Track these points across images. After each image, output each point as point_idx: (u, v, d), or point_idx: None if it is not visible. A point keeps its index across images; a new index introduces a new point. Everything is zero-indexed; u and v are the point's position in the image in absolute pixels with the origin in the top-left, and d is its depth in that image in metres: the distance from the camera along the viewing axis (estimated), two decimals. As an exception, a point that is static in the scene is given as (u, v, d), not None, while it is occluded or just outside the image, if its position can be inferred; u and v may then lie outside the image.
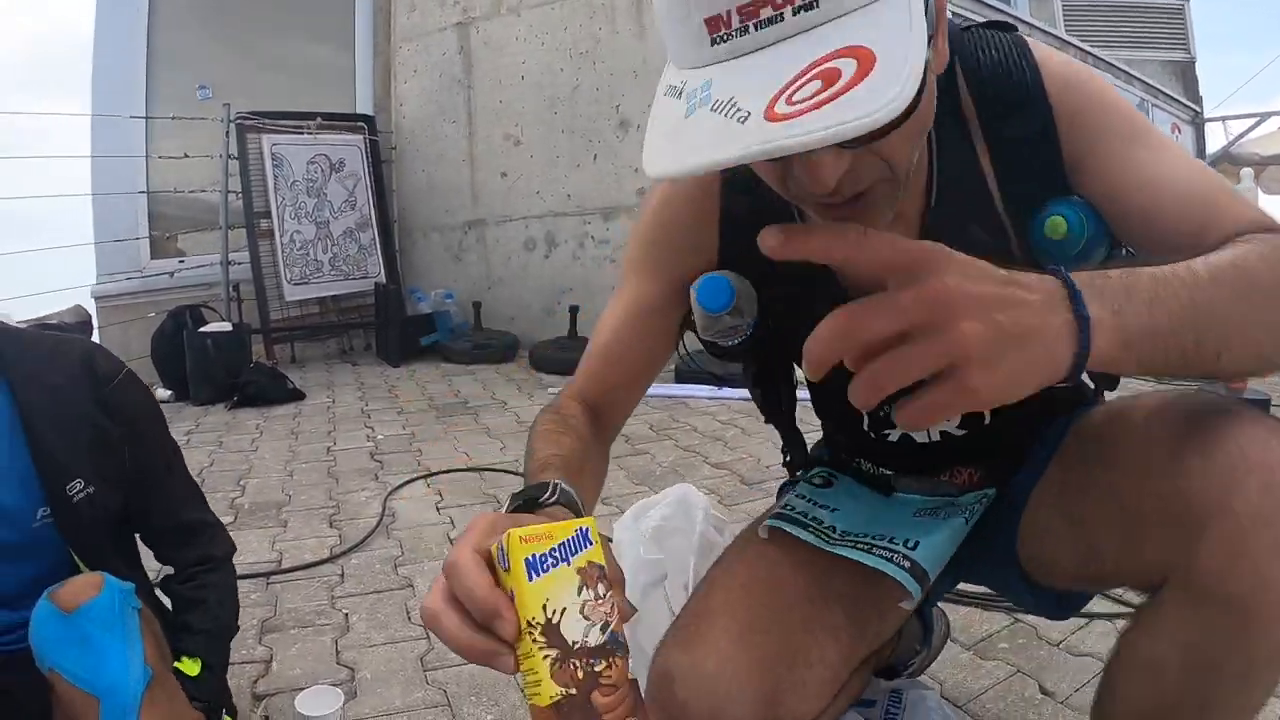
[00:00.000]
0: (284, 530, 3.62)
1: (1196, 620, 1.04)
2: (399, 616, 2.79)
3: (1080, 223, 1.21)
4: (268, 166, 7.54)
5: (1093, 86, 1.27)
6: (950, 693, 2.24)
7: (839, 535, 1.41)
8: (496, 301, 8.54)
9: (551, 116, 8.05)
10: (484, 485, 4.23)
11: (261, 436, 5.28)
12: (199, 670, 1.85)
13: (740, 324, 1.38)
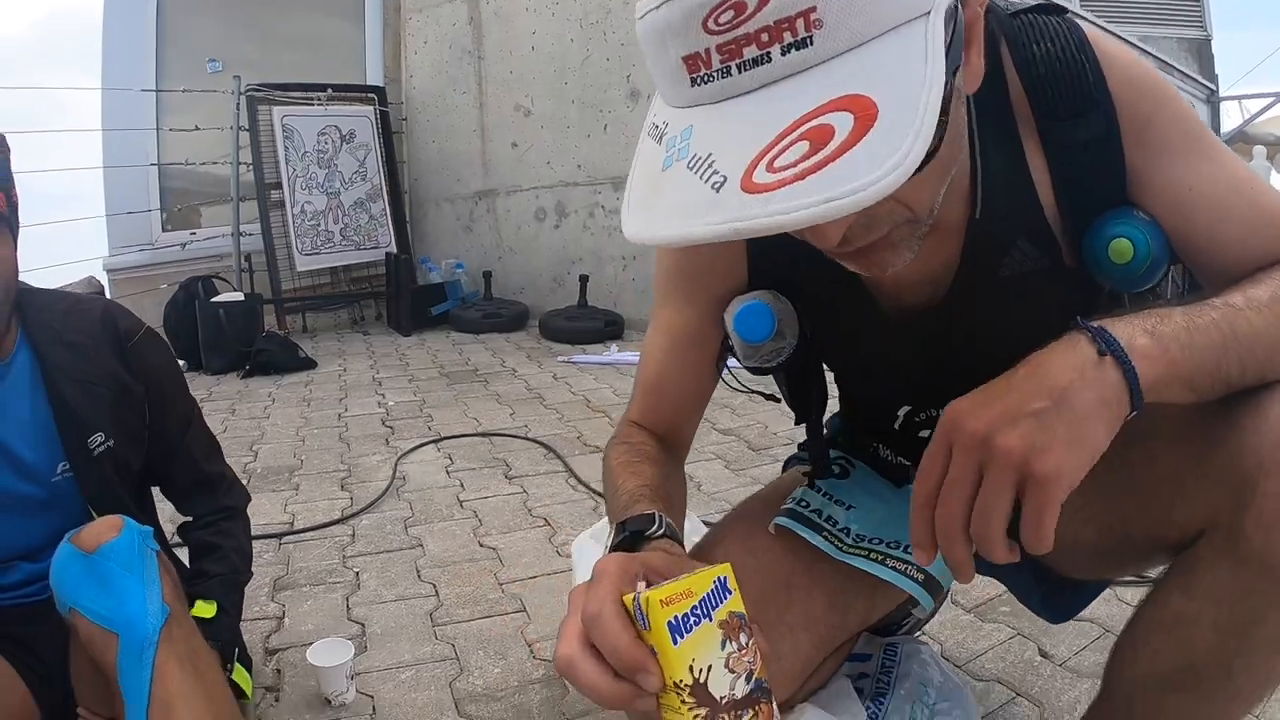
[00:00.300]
0: (296, 494, 3.67)
1: (1234, 581, 1.01)
2: (409, 574, 2.84)
3: (1146, 244, 1.13)
4: (278, 138, 7.54)
5: (1161, 92, 1.16)
6: (950, 653, 2.26)
7: (852, 540, 1.39)
8: (507, 271, 8.57)
9: (562, 87, 8.04)
10: (493, 450, 4.26)
11: (274, 404, 5.32)
12: (215, 612, 1.90)
13: (783, 347, 1.34)
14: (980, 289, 1.25)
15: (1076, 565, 1.38)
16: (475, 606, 2.61)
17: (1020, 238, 1.22)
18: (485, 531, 3.20)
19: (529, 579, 2.79)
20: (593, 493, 3.60)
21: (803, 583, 1.39)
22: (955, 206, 1.19)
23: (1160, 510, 1.14)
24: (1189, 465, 1.08)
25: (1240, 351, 0.93)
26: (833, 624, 1.40)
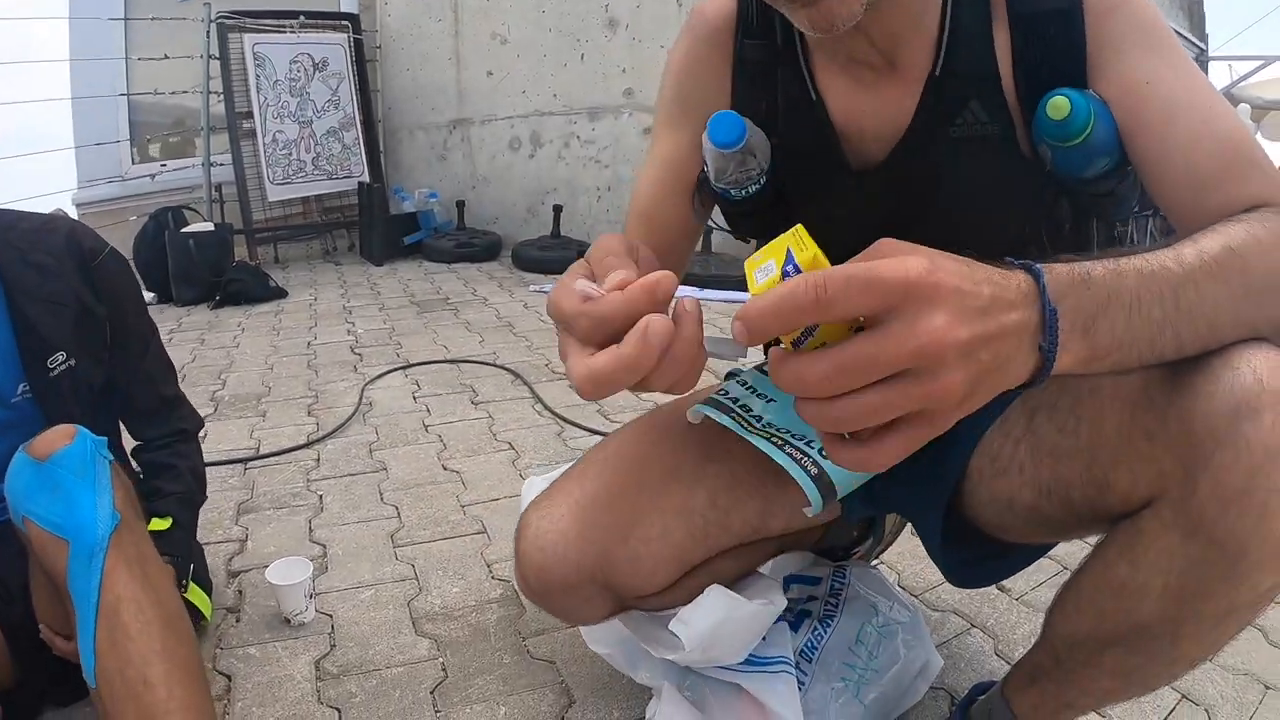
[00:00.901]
0: (263, 420, 3.67)
1: (1184, 553, 0.99)
2: (372, 497, 2.86)
3: (1086, 109, 1.13)
4: (249, 67, 7.43)
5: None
6: (907, 582, 2.29)
7: (761, 426, 1.37)
8: (480, 201, 8.52)
9: (539, 15, 7.95)
10: (460, 376, 4.27)
11: (243, 334, 5.31)
12: (169, 526, 1.90)
13: (753, 168, 1.35)
14: (933, 144, 1.29)
15: (1008, 527, 1.36)
16: (436, 528, 2.64)
17: (974, 100, 1.25)
18: (449, 455, 3.21)
19: (491, 501, 2.81)
20: (558, 418, 3.61)
21: (688, 475, 1.41)
22: (920, 57, 1.26)
23: (1104, 475, 1.12)
24: (1138, 431, 1.06)
25: (1180, 325, 0.90)
26: (711, 520, 1.41)
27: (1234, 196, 1.08)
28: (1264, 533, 0.91)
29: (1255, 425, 0.90)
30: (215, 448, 3.29)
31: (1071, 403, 1.19)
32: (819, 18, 1.10)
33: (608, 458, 1.47)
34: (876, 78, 1.31)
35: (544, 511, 1.42)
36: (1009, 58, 1.24)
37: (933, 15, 1.25)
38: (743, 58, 1.42)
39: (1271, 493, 0.90)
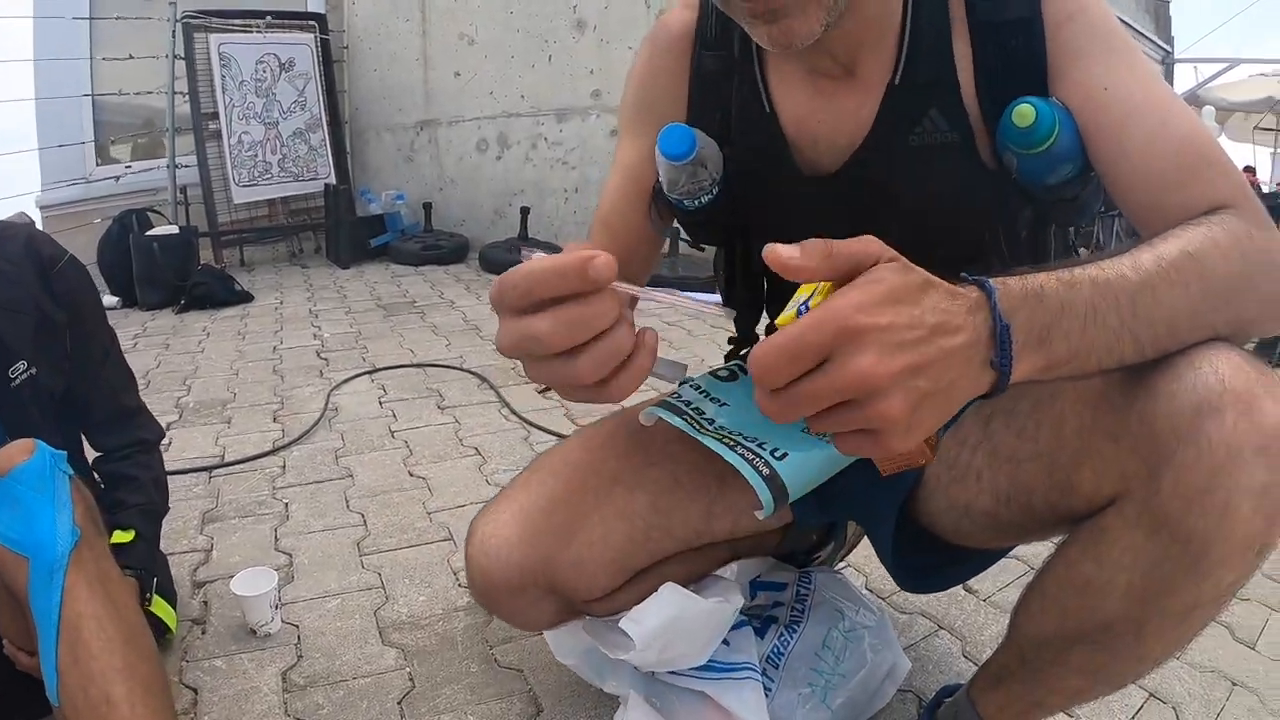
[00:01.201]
0: (228, 427, 3.64)
1: (1148, 550, 1.00)
2: (338, 505, 2.84)
3: (1051, 116, 1.16)
4: (215, 67, 7.38)
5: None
6: (875, 585, 2.30)
7: (714, 429, 1.37)
8: (447, 203, 8.51)
9: (507, 16, 7.94)
10: (427, 380, 4.26)
11: (208, 338, 5.27)
12: (131, 539, 1.89)
13: (704, 179, 1.37)
14: (892, 152, 1.30)
15: (966, 532, 1.38)
16: (403, 535, 2.63)
17: (934, 108, 1.27)
18: (416, 461, 3.20)
19: (457, 508, 2.81)
20: (524, 422, 3.61)
21: (629, 479, 1.43)
22: (880, 66, 1.28)
23: (1065, 478, 1.14)
24: (1099, 432, 1.07)
25: (1138, 331, 0.92)
26: (653, 523, 1.43)
27: (1194, 197, 1.10)
28: (1227, 529, 0.93)
29: (1217, 424, 0.92)
30: (180, 455, 3.27)
31: (1029, 408, 1.21)
32: (779, 34, 1.12)
33: (552, 465, 1.49)
34: (835, 87, 1.33)
35: (489, 517, 1.43)
36: (970, 67, 1.26)
37: (893, 25, 1.27)
38: (700, 68, 1.44)
39: (1234, 490, 0.91)
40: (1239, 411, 0.92)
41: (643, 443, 1.47)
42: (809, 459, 1.27)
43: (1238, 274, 1.00)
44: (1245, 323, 1.03)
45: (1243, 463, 0.91)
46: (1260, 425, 0.91)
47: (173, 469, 2.89)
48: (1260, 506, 0.92)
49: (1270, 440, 0.91)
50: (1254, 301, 1.03)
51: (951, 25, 1.26)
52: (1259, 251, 1.04)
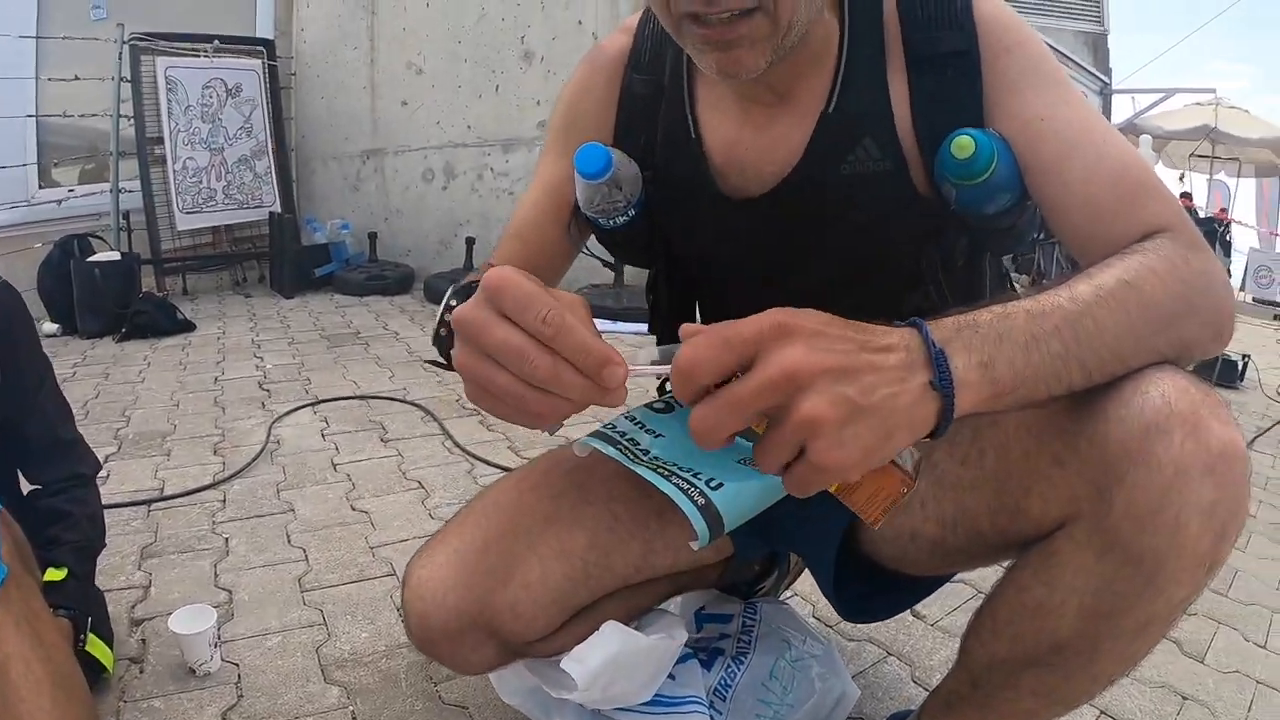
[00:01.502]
0: (168, 459, 3.59)
1: (1100, 571, 1.02)
2: (279, 539, 2.81)
3: (990, 147, 1.18)
4: (161, 91, 7.33)
5: (1025, 31, 1.27)
6: (822, 613, 2.31)
7: (648, 459, 1.34)
8: (393, 233, 8.49)
9: (455, 45, 7.96)
10: (370, 413, 4.24)
11: (149, 368, 5.20)
12: (64, 576, 1.86)
13: (619, 200, 1.39)
14: (822, 181, 1.32)
15: (911, 560, 1.38)
16: (345, 571, 2.60)
17: (866, 138, 1.29)
18: (358, 495, 3.18)
19: (400, 542, 2.79)
20: (469, 455, 3.60)
21: (566, 518, 1.42)
22: (814, 96, 1.30)
23: (1013, 503, 1.15)
24: (1046, 456, 1.09)
25: (1084, 356, 0.94)
26: (592, 562, 1.42)
27: (1132, 223, 1.13)
28: (1178, 547, 0.95)
29: (1166, 445, 0.94)
30: (119, 488, 3.22)
31: (971, 435, 1.22)
32: (729, 64, 1.15)
33: (486, 506, 1.48)
34: (767, 114, 1.35)
35: (424, 561, 1.42)
36: (906, 98, 1.28)
37: (829, 55, 1.30)
38: (630, 91, 1.46)
39: (1183, 508, 0.93)
40: (1186, 433, 0.94)
41: (578, 481, 1.47)
42: (745, 489, 1.26)
43: (1176, 297, 1.02)
44: (1187, 345, 1.05)
45: (1191, 481, 0.93)
46: (1207, 445, 0.94)
47: (110, 502, 2.84)
48: (1209, 524, 0.94)
49: (1217, 460, 0.94)
50: (1194, 323, 1.05)
51: (887, 57, 1.29)
52: (1196, 274, 1.06)
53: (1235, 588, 2.82)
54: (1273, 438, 5.36)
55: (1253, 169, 19.39)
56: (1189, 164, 18.73)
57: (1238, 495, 0.95)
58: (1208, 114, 16.55)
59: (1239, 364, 6.86)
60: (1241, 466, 0.95)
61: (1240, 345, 8.55)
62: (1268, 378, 7.20)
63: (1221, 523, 0.95)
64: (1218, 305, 1.08)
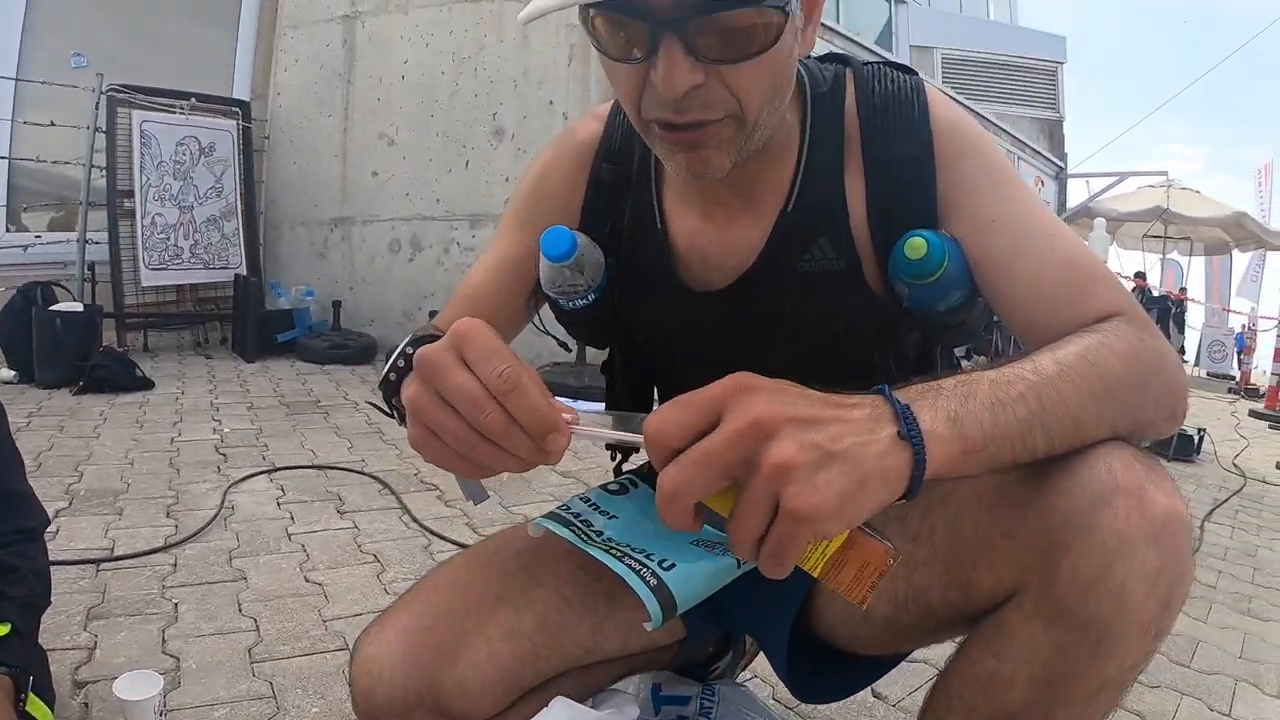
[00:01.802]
0: (119, 518, 3.55)
1: (1048, 640, 1.02)
2: (229, 608, 2.77)
3: (941, 248, 1.22)
4: (135, 144, 7.38)
5: (977, 134, 1.32)
6: (782, 694, 2.29)
7: (601, 540, 1.39)
8: (357, 302, 8.52)
9: (428, 119, 8.05)
10: (327, 483, 4.21)
11: (105, 423, 5.15)
12: (7, 632, 1.83)
13: (580, 284, 1.41)
14: (779, 277, 1.36)
15: (864, 639, 1.40)
16: (297, 643, 2.57)
17: (823, 236, 1.34)
18: (312, 566, 3.15)
19: (354, 616, 2.76)
20: (426, 531, 3.58)
21: (516, 598, 1.41)
22: (774, 195, 1.35)
23: (964, 577, 1.16)
24: (995, 530, 1.10)
25: (1047, 423, 0.97)
26: (540, 643, 1.41)
27: (1084, 311, 1.18)
28: (1124, 614, 0.96)
29: (1110, 515, 0.96)
30: (67, 545, 3.18)
31: (922, 513, 1.24)
32: (695, 164, 1.18)
33: (436, 583, 1.48)
34: (729, 211, 1.38)
35: (373, 637, 1.42)
36: (862, 199, 1.33)
37: (790, 156, 1.34)
38: (599, 178, 1.49)
39: (1128, 575, 0.95)
40: (1130, 504, 0.96)
41: (528, 562, 1.47)
42: (697, 570, 1.29)
43: (1134, 375, 1.06)
44: (1142, 423, 1.08)
45: (1135, 550, 0.95)
46: (1150, 515, 0.96)
47: (59, 559, 2.81)
48: (1153, 591, 0.96)
49: (1159, 529, 0.96)
50: (1149, 401, 1.09)
51: (846, 158, 1.34)
52: (1151, 354, 1.10)
53: (1198, 658, 2.87)
54: (1230, 509, 5.45)
55: (1203, 247, 19.87)
56: (1143, 245, 19.17)
57: (1181, 563, 0.98)
58: (1160, 195, 17.00)
59: (1195, 438, 6.99)
60: (1184, 536, 0.98)
61: (1195, 419, 8.74)
62: (1223, 450, 7.37)
63: (1166, 589, 0.97)
64: (1171, 385, 1.13)
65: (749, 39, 1.08)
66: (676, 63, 1.05)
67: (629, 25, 1.08)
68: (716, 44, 1.06)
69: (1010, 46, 15.83)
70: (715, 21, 1.05)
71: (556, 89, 7.44)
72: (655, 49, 1.06)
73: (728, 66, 1.08)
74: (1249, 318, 17.81)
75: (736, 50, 1.07)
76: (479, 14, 7.92)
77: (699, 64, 1.06)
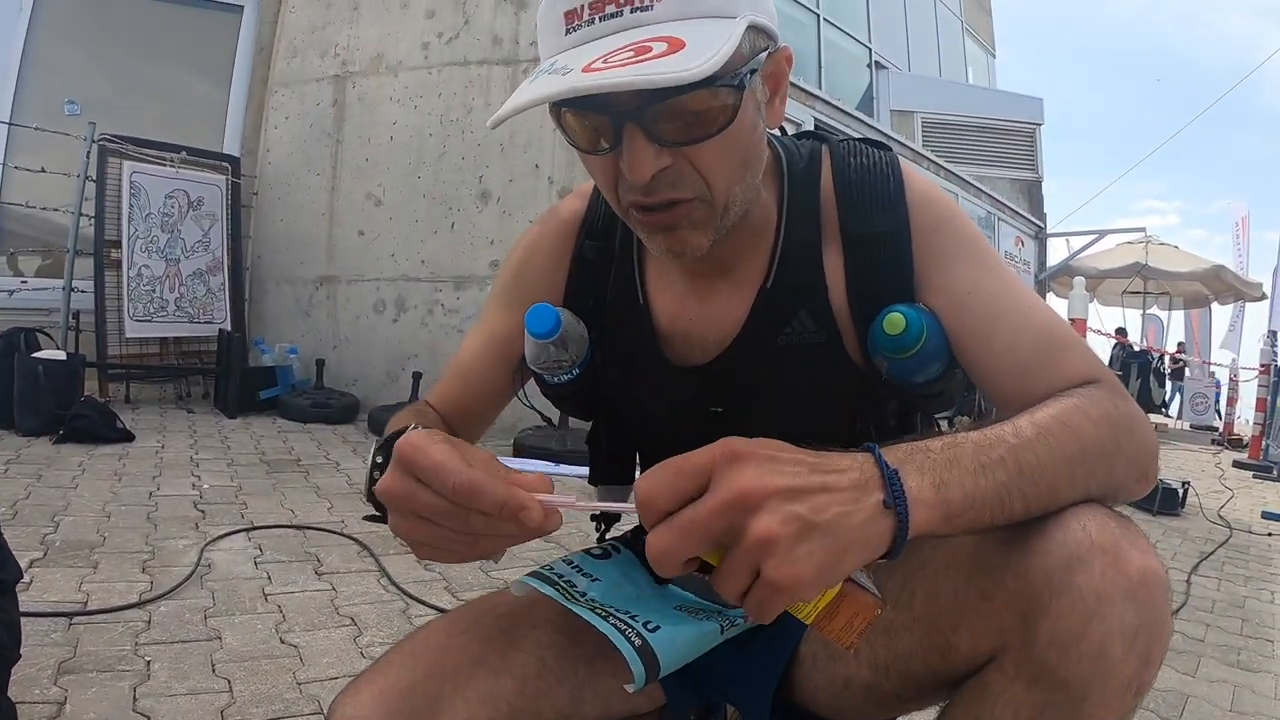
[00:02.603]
0: (94, 571, 3.53)
1: (1029, 701, 1.02)
2: (203, 667, 2.75)
3: (919, 322, 1.25)
4: (124, 194, 7.41)
5: (952, 210, 1.36)
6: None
7: (585, 600, 1.40)
8: (341, 361, 8.51)
9: (415, 180, 8.11)
10: (306, 544, 4.19)
11: (83, 474, 5.13)
12: None
13: (565, 359, 1.44)
14: (760, 351, 1.39)
15: (846, 708, 1.39)
16: (270, 706, 2.55)
17: (802, 310, 1.37)
18: (289, 628, 3.13)
19: (329, 679, 2.74)
20: (404, 594, 3.57)
21: (494, 663, 1.41)
22: (754, 273, 1.38)
23: (944, 641, 1.17)
24: (973, 593, 1.11)
25: (1025, 487, 0.99)
26: (519, 707, 1.39)
27: (1059, 378, 1.21)
28: (1104, 671, 0.97)
29: (1087, 574, 0.97)
30: (40, 596, 3.16)
31: (902, 579, 1.24)
32: (674, 244, 1.23)
33: (414, 646, 1.47)
34: (710, 287, 1.42)
35: (349, 699, 1.41)
36: (840, 273, 1.36)
37: (768, 232, 1.38)
38: (582, 256, 1.53)
39: (1107, 633, 0.96)
40: (1106, 562, 0.97)
41: (508, 626, 1.47)
42: (681, 633, 1.30)
43: (1107, 439, 1.09)
44: (1115, 487, 1.10)
45: (1113, 607, 0.96)
46: (1127, 573, 0.97)
47: (31, 609, 2.81)
48: (1132, 648, 0.97)
49: (1137, 587, 0.97)
50: (1122, 465, 1.11)
51: (823, 234, 1.37)
52: (1124, 417, 1.13)
53: (1188, 713, 2.89)
54: (1217, 560, 5.48)
55: (1182, 301, 20.05)
56: (1123, 301, 19.33)
57: (1159, 620, 0.98)
58: (1138, 251, 17.20)
59: (1179, 491, 7.03)
60: (1162, 592, 0.99)
61: (1180, 472, 8.72)
62: (1208, 502, 7.38)
63: (1145, 646, 0.97)
64: (1144, 447, 1.15)
65: (707, 120, 1.12)
66: (640, 149, 1.10)
67: (593, 119, 1.14)
68: (677, 128, 1.11)
69: (989, 110, 16.01)
70: (671, 107, 1.09)
71: (543, 153, 7.51)
72: (619, 139, 1.11)
73: (691, 147, 1.13)
74: (1230, 369, 18.06)
75: (696, 132, 1.12)
76: (467, 77, 8.02)
77: (663, 148, 1.11)
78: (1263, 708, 3.06)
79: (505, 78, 7.85)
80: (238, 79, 9.32)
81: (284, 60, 9.27)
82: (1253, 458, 11.91)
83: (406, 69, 8.39)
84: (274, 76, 9.31)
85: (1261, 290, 17.76)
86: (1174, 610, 4.25)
